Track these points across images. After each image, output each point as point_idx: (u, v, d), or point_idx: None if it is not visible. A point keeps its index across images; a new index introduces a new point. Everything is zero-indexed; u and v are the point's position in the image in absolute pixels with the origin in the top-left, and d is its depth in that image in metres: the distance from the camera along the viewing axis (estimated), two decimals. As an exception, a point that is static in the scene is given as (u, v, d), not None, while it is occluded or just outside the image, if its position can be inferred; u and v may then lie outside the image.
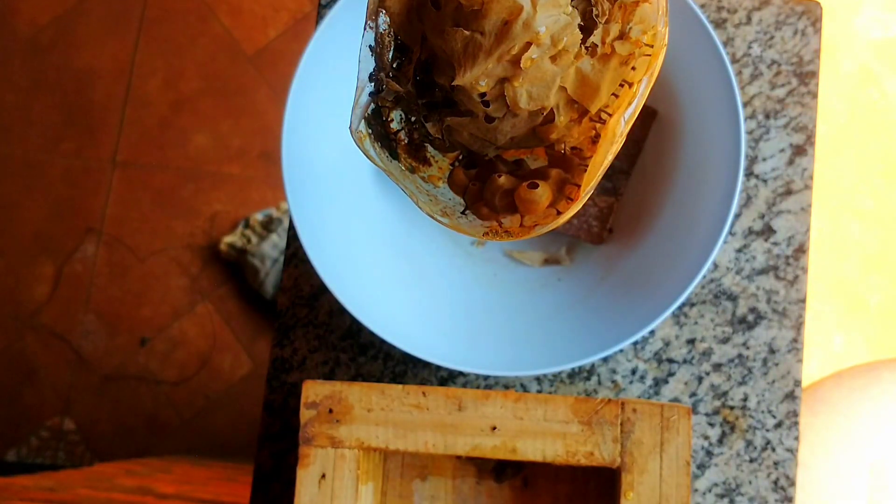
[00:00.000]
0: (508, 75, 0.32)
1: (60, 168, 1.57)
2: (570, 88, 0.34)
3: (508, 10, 0.31)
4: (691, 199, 0.54)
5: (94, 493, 0.86)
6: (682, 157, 0.55)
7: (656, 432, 0.47)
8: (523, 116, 0.34)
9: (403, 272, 0.57)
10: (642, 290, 0.53)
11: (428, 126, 0.36)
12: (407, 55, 0.36)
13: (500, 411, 0.48)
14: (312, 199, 0.54)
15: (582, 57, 0.33)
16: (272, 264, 1.46)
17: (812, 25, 0.60)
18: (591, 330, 0.53)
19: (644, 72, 0.34)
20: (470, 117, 0.35)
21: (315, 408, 0.49)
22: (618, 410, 0.47)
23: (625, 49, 0.34)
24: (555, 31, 0.32)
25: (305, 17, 1.58)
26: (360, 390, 0.48)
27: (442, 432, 0.48)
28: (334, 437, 0.48)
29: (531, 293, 0.57)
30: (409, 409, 0.48)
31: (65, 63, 1.60)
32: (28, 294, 1.54)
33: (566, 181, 0.35)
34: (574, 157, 0.35)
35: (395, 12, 0.35)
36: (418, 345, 0.53)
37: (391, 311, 0.54)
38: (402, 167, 0.38)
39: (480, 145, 0.36)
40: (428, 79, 0.35)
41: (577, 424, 0.47)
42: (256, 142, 1.56)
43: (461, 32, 0.32)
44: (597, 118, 0.35)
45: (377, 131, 0.37)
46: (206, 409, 1.50)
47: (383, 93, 0.36)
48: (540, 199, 0.34)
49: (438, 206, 0.38)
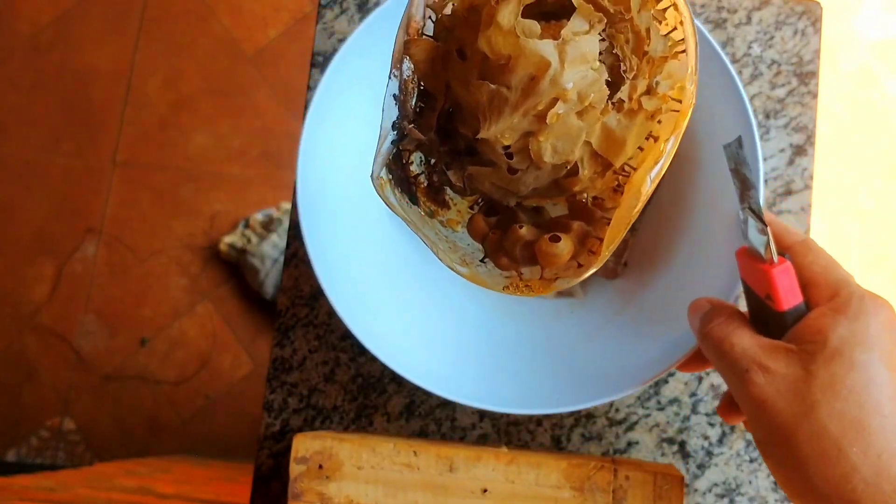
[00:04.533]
0: (533, 129, 0.32)
1: (60, 168, 1.57)
2: (596, 143, 0.33)
3: (536, 65, 0.30)
4: (708, 235, 0.52)
5: (94, 493, 0.86)
6: (698, 193, 0.53)
7: (648, 500, 0.47)
8: (547, 169, 0.33)
9: (416, 300, 0.55)
10: (659, 327, 0.52)
11: (450, 174, 0.36)
12: (430, 102, 0.35)
13: (492, 473, 0.47)
14: (327, 230, 0.53)
15: (608, 112, 0.33)
16: (272, 264, 1.46)
17: (812, 25, 0.60)
18: (605, 369, 0.52)
19: (671, 130, 0.34)
20: (492, 167, 0.34)
21: (305, 463, 0.48)
22: (610, 477, 0.47)
23: (652, 104, 0.33)
24: (582, 87, 0.31)
25: (305, 17, 1.58)
26: (351, 447, 0.48)
27: (432, 493, 0.47)
28: (323, 494, 0.48)
29: (543, 325, 0.56)
30: (400, 468, 0.48)
31: (65, 63, 1.60)
32: (28, 294, 1.54)
33: (588, 234, 0.35)
34: (596, 209, 0.35)
35: (420, 60, 0.34)
36: (426, 375, 0.51)
37: (402, 341, 0.53)
38: (422, 212, 0.37)
39: (502, 194, 0.36)
40: (450, 126, 0.35)
41: (569, 490, 0.47)
42: (256, 142, 1.56)
43: (487, 86, 0.31)
44: (621, 171, 0.34)
45: (397, 176, 0.36)
46: (206, 408, 1.50)
47: (406, 140, 0.35)
48: (562, 253, 0.34)
49: (457, 253, 0.37)
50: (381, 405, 0.58)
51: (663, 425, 0.57)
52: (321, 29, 0.62)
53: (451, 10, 0.34)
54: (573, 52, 0.31)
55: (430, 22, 0.35)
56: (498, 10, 0.31)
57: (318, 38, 0.62)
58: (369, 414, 0.59)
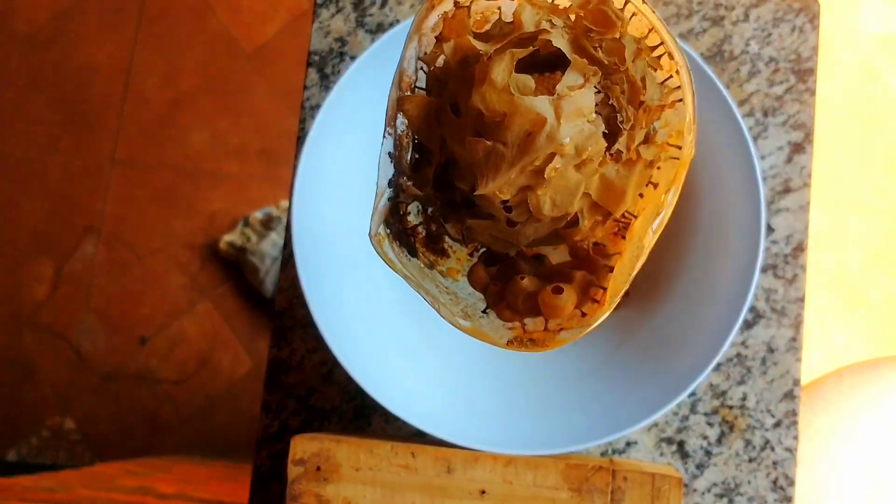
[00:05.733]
0: (531, 184, 0.31)
1: (59, 166, 1.57)
2: (595, 194, 0.33)
3: (532, 121, 0.30)
4: (711, 263, 0.52)
5: (95, 493, 0.86)
6: (699, 220, 0.53)
7: (647, 501, 0.47)
8: (546, 221, 0.33)
9: (412, 338, 0.55)
10: (662, 359, 0.52)
11: (447, 226, 0.35)
12: (426, 156, 0.35)
13: (490, 475, 0.47)
14: (323, 267, 0.52)
15: (607, 163, 0.32)
16: (272, 263, 1.46)
17: (810, 22, 0.60)
18: (609, 404, 0.52)
19: (671, 179, 0.34)
20: (491, 220, 0.34)
21: (303, 465, 0.48)
22: (608, 478, 0.47)
23: (650, 153, 0.33)
24: (579, 140, 0.31)
25: (303, 14, 1.58)
26: (349, 448, 0.48)
27: (430, 495, 0.47)
28: (321, 496, 0.48)
29: (543, 360, 0.55)
30: (398, 470, 0.48)
31: (63, 61, 1.59)
32: (27, 293, 1.54)
33: (591, 283, 0.35)
34: (598, 258, 0.35)
35: (414, 115, 0.34)
36: (424, 417, 0.51)
37: (399, 380, 0.53)
38: (421, 264, 0.37)
39: (502, 245, 0.35)
40: (447, 178, 0.35)
41: (566, 491, 0.47)
42: (255, 140, 1.55)
43: (483, 143, 0.31)
44: (621, 218, 0.34)
45: (395, 229, 0.36)
46: (206, 407, 1.50)
47: (402, 197, 0.35)
48: (565, 304, 0.34)
49: (459, 305, 0.37)
50: (380, 406, 0.58)
51: (662, 425, 0.57)
52: (317, 28, 0.61)
53: (443, 63, 0.34)
54: (569, 107, 0.30)
55: (422, 73, 0.35)
56: (491, 67, 0.31)
57: (314, 37, 0.61)
58: (367, 415, 0.59)
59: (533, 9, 0.33)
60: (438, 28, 0.34)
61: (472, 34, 0.33)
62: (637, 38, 0.33)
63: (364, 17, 0.61)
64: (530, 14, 0.32)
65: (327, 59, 0.61)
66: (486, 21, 0.34)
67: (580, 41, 0.32)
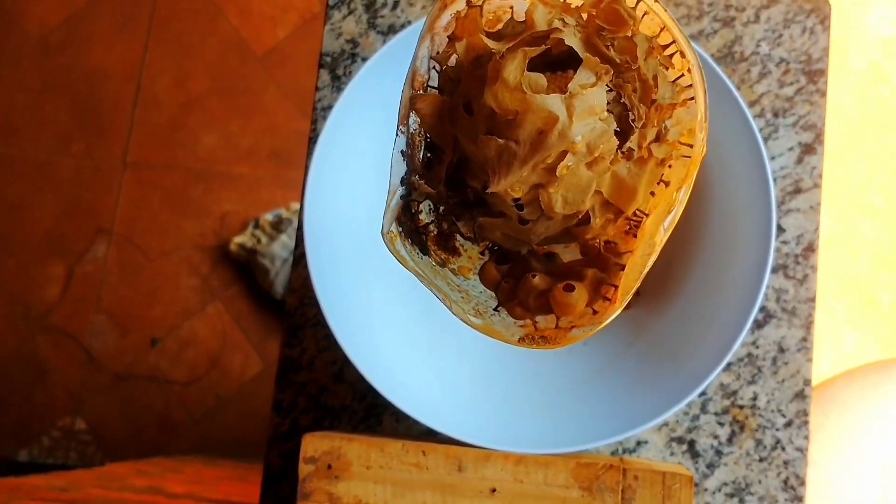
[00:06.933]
0: (543, 182, 0.32)
1: (71, 169, 1.58)
2: (607, 192, 0.33)
3: (544, 119, 0.30)
4: (722, 263, 0.52)
5: (106, 493, 0.87)
6: (710, 219, 0.53)
7: (657, 500, 0.47)
8: (558, 219, 0.33)
9: (423, 337, 0.55)
10: (672, 358, 0.52)
11: (459, 224, 0.36)
12: (438, 155, 0.35)
13: (501, 473, 0.47)
14: (335, 266, 0.53)
15: (618, 161, 0.33)
16: (282, 264, 1.46)
17: (820, 23, 0.60)
18: (619, 403, 0.52)
19: (683, 177, 0.34)
20: (503, 218, 0.34)
21: (314, 463, 0.48)
22: (619, 477, 0.47)
23: (662, 151, 0.33)
24: (591, 138, 0.31)
25: (314, 18, 1.59)
26: (360, 446, 0.48)
27: (441, 493, 0.47)
28: (332, 494, 0.48)
29: (554, 358, 0.55)
30: (409, 468, 0.48)
31: (75, 64, 1.60)
32: (39, 294, 1.55)
33: (603, 281, 0.35)
34: (610, 256, 0.35)
35: (427, 114, 0.34)
36: (436, 416, 0.51)
37: (410, 379, 0.53)
38: (433, 262, 0.37)
39: (513, 243, 0.35)
40: (459, 176, 0.35)
41: (577, 490, 0.47)
42: (266, 142, 1.56)
43: (495, 141, 0.31)
44: (633, 216, 0.34)
45: (407, 227, 0.36)
46: (216, 408, 1.51)
47: (414, 195, 0.35)
48: (576, 302, 0.34)
49: (470, 303, 0.37)
50: (390, 405, 0.59)
51: (672, 424, 0.57)
52: (329, 30, 0.62)
53: (456, 62, 0.34)
54: (581, 105, 0.30)
55: (434, 72, 0.35)
56: (504, 66, 0.31)
57: (325, 38, 0.62)
58: (378, 413, 0.59)
59: (545, 8, 0.33)
60: (451, 27, 0.34)
61: (484, 33, 0.34)
62: (649, 37, 0.33)
63: (376, 19, 0.62)
64: (542, 13, 0.33)
65: (339, 60, 0.62)
66: (499, 20, 0.35)
67: (592, 40, 0.32)
